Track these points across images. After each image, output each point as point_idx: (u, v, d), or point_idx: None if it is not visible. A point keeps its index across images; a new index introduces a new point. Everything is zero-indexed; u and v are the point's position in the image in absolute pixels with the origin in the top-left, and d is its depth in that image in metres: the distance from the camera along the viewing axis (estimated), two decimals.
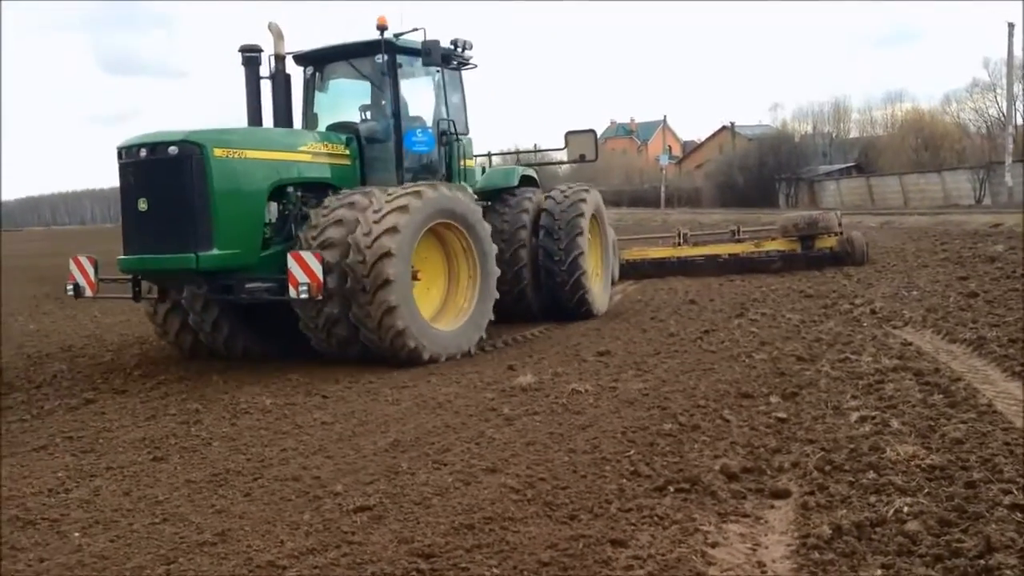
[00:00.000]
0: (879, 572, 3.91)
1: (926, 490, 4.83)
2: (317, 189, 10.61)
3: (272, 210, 10.21)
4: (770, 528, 4.66)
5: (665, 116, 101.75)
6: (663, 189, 63.35)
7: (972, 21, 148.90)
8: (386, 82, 11.34)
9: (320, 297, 9.17)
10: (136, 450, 6.76)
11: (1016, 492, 4.65)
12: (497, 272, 11.18)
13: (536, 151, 16.05)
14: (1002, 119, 55.42)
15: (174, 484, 5.84)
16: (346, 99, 12.06)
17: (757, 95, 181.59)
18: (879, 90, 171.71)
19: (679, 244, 20.18)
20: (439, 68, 11.58)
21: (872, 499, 4.80)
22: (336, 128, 11.55)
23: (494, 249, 11.12)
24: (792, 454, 5.77)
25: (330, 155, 10.89)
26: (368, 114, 11.77)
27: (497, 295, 11.10)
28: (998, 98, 58.43)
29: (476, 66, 12.42)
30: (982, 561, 3.89)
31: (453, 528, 4.73)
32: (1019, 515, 4.37)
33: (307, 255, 9.06)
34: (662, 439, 6.27)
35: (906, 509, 4.56)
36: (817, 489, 5.05)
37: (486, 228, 10.94)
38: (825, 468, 5.38)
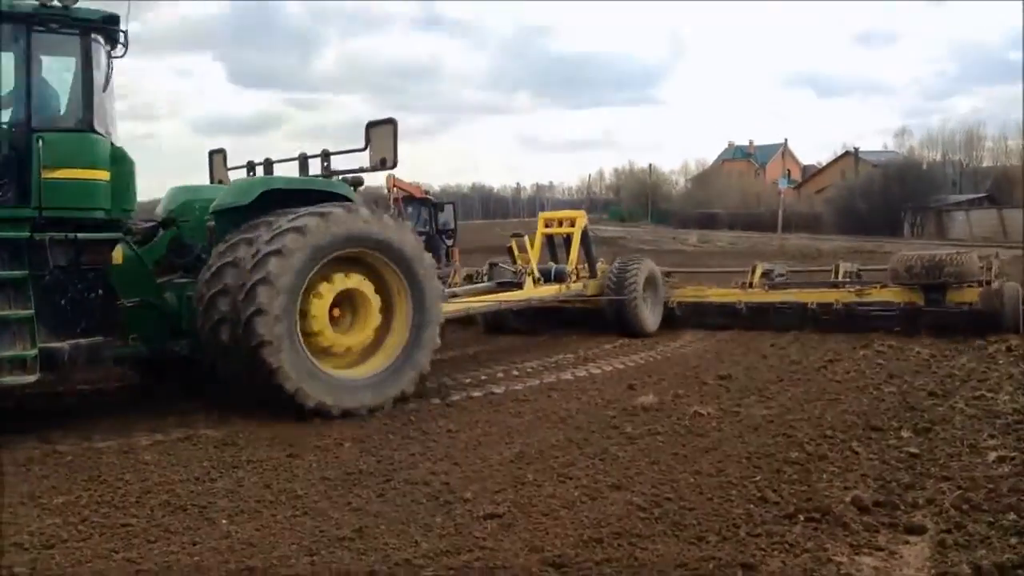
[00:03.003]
0: None
1: None
2: None
3: None
4: (905, 563, 4.57)
5: (786, 139, 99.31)
6: (780, 213, 62.00)
7: None
8: None
9: None
10: (273, 446, 7.09)
11: None
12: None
13: (325, 155, 10.08)
14: None
15: (311, 480, 6.12)
16: None
17: (883, 120, 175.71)
18: (1014, 118, 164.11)
19: (750, 285, 14.67)
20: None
21: (1013, 541, 4.67)
22: None
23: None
24: (927, 490, 5.63)
25: None
26: None
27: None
28: None
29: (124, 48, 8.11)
30: None
31: (582, 541, 4.82)
32: None
33: None
34: (789, 467, 6.21)
35: None
36: (954, 527, 4.93)
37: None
38: (962, 507, 5.24)
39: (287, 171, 10.44)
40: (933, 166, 69.54)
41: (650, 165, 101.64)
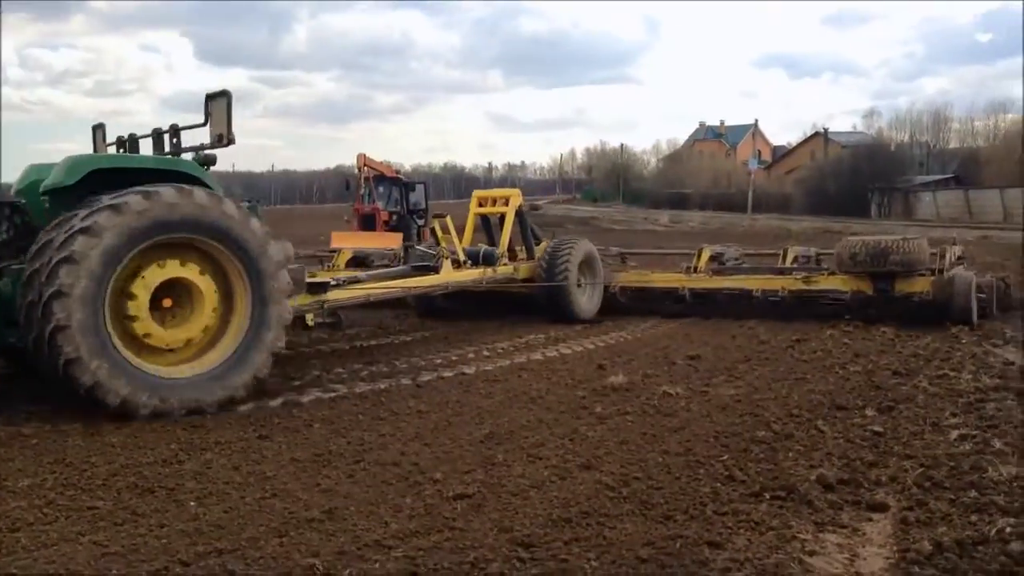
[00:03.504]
0: None
1: None
2: None
3: None
4: (868, 540, 4.65)
5: (756, 120, 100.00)
6: (751, 194, 62.39)
7: None
8: None
9: None
10: (242, 427, 7.06)
11: None
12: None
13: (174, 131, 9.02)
14: None
15: (280, 462, 6.10)
16: None
17: (853, 101, 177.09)
18: (982, 99, 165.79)
19: (695, 270, 13.79)
20: None
21: (974, 518, 4.76)
22: None
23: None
24: (890, 468, 5.73)
25: None
26: None
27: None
28: None
29: None
30: None
31: (551, 520, 4.86)
32: None
33: None
34: (756, 446, 6.29)
35: (1008, 529, 4.52)
36: (916, 505, 5.02)
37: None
38: (924, 484, 5.34)
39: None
40: (901, 147, 70.28)
41: (622, 145, 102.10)
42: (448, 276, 11.86)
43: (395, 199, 24.91)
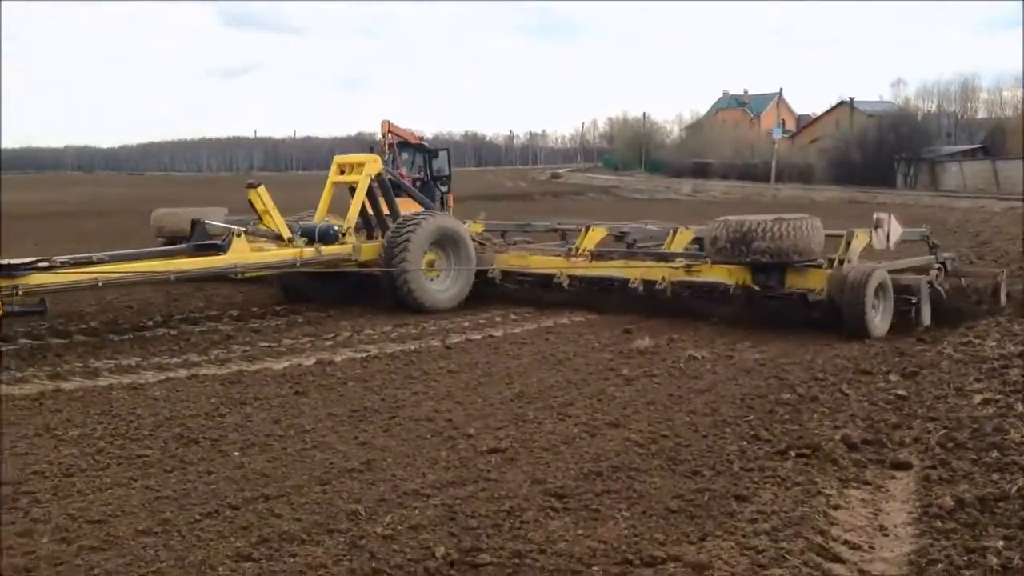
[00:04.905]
0: (1000, 543, 4.02)
1: None
2: None
3: None
4: (891, 496, 4.79)
5: (781, 89, 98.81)
6: (774, 163, 61.96)
7: None
8: None
9: None
10: (279, 384, 7.27)
11: None
12: None
13: None
14: None
15: (317, 416, 6.30)
16: None
17: (879, 70, 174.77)
18: (1011, 69, 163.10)
19: (575, 254, 11.37)
20: None
21: (995, 477, 4.89)
22: None
23: None
24: (913, 430, 5.85)
25: None
26: None
27: None
28: None
29: None
30: None
31: (582, 474, 5.03)
32: None
33: None
34: (781, 407, 6.43)
35: None
36: (939, 464, 5.15)
37: None
38: (947, 445, 5.46)
39: None
40: (928, 117, 69.36)
41: (644, 114, 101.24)
42: (238, 257, 9.89)
43: (419, 166, 24.99)
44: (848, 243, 9.58)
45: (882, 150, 60.02)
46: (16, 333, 9.21)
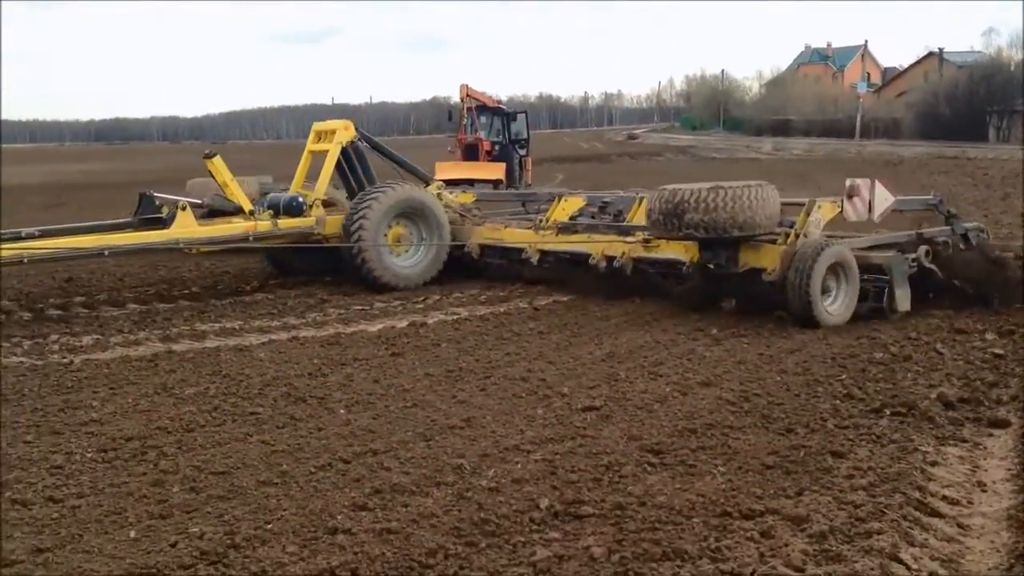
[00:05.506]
0: None
1: None
2: None
3: None
4: (989, 454, 4.80)
5: (866, 41, 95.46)
6: (859, 119, 60.22)
7: None
8: None
9: None
10: (375, 346, 7.53)
11: None
12: None
13: None
14: None
15: (415, 376, 6.53)
16: None
17: (969, 19, 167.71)
18: None
19: (545, 226, 10.37)
20: None
21: None
22: None
23: None
24: (1010, 388, 5.82)
25: None
26: None
27: None
28: None
29: None
30: None
31: (677, 431, 5.15)
32: None
33: None
34: (873, 366, 6.42)
35: None
36: None
37: None
38: None
39: None
40: (1021, 67, 66.37)
41: (722, 71, 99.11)
42: (181, 232, 9.39)
43: (497, 129, 25.08)
44: (808, 214, 8.25)
45: (973, 103, 57.84)
46: (124, 299, 9.72)
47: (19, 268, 8.92)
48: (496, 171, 22.05)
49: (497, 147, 24.31)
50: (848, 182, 8.54)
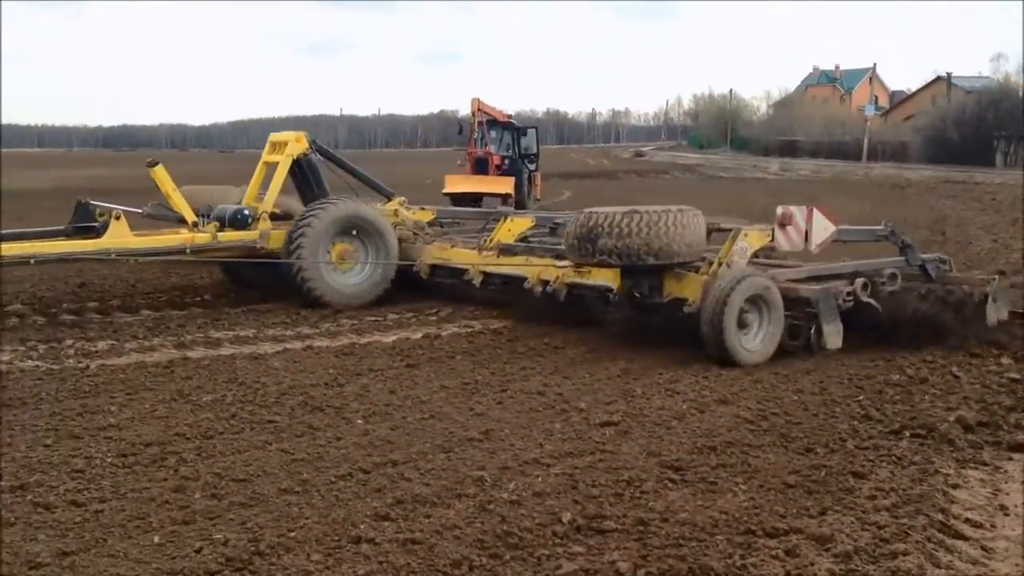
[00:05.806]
0: None
1: None
2: None
3: None
4: (1010, 477, 4.80)
5: (874, 64, 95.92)
6: (866, 141, 60.35)
7: None
8: None
9: None
10: (390, 357, 7.54)
11: None
12: None
13: None
14: None
15: (431, 388, 6.54)
16: None
17: (977, 44, 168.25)
18: None
19: (488, 246, 9.88)
20: None
21: None
22: None
23: None
24: None
25: None
26: None
27: None
28: None
29: None
30: None
31: (696, 448, 5.15)
32: None
33: None
34: (890, 388, 6.43)
35: None
36: None
37: None
38: None
39: None
40: None
41: (730, 90, 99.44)
42: (114, 241, 9.11)
43: (507, 143, 25.16)
44: (733, 241, 7.77)
45: (980, 128, 57.89)
46: (137, 305, 9.73)
47: (30, 271, 8.96)
48: (505, 185, 22.10)
49: (507, 161, 24.38)
50: (780, 210, 7.96)
